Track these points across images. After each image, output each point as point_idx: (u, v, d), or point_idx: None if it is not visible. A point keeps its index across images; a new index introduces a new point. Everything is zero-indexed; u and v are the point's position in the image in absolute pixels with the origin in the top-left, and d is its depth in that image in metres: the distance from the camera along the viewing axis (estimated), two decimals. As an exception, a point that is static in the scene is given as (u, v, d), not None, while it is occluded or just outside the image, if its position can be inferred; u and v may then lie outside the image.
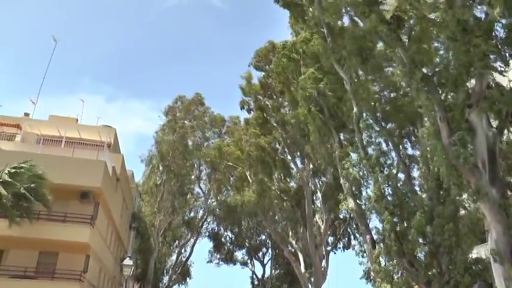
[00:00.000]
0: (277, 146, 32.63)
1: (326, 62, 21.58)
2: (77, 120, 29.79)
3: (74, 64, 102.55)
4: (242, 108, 31.93)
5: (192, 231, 45.52)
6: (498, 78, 12.96)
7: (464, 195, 13.57)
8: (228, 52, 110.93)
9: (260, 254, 49.03)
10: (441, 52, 17.22)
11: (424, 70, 15.90)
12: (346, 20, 21.54)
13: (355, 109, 20.71)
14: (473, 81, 13.16)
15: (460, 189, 12.44)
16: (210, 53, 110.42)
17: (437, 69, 16.73)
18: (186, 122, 42.43)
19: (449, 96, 15.76)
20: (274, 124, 30.72)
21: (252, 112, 31.91)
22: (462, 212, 15.53)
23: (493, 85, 12.97)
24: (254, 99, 31.57)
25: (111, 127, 29.06)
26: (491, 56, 11.85)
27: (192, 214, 46.98)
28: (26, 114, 29.24)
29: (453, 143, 13.29)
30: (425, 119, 19.05)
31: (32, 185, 18.00)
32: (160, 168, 40.93)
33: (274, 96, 30.78)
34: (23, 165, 18.16)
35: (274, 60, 28.06)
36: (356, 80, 21.11)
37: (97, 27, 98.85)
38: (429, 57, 16.52)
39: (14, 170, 17.94)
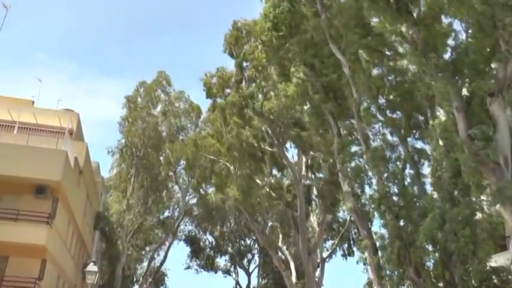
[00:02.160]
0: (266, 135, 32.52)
1: (319, 38, 21.31)
2: (33, 102, 29.20)
3: (30, 36, 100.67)
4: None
5: (167, 233, 45.33)
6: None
7: (483, 196, 13.60)
8: (211, 26, 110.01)
9: (245, 261, 49.09)
10: (457, 32, 17.18)
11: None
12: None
13: (355, 95, 20.62)
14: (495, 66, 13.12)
15: (479, 189, 12.43)
16: (191, 26, 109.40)
17: (454, 53, 16.69)
18: (154, 109, 42.10)
19: (466, 84, 15.75)
20: (252, 113, 30.50)
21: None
22: (478, 215, 15.56)
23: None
24: (232, 85, 31.46)
25: (73, 111, 28.59)
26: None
27: (166, 214, 46.95)
28: (-30, 95, 28.55)
29: (472, 137, 13.29)
30: (438, 108, 19.08)
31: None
32: (131, 160, 40.51)
33: (253, 83, 30.57)
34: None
35: (255, 32, 27.53)
36: (356, 63, 20.95)
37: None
38: (444, 38, 16.45)
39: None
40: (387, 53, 20.63)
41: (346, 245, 36.49)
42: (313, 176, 32.77)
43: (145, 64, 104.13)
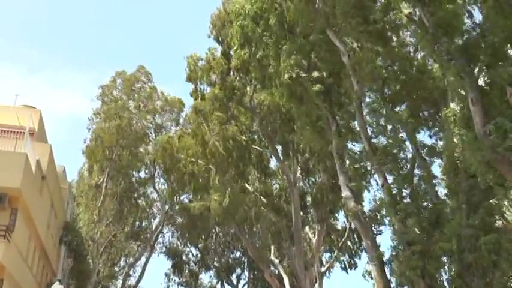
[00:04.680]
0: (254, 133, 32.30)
1: (314, 26, 21.18)
2: (-14, 98, 29.05)
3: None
4: (195, 98, 31.55)
5: (144, 246, 45.18)
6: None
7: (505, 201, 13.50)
8: (197, 10, 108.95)
9: (233, 277, 48.95)
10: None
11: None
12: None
13: (356, 87, 20.53)
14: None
15: (504, 190, 12.31)
16: (174, 9, 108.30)
17: (468, 36, 16.56)
18: (132, 103, 41.80)
19: (483, 73, 15.63)
20: (239, 108, 30.10)
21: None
22: (498, 223, 15.46)
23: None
24: (218, 75, 30.82)
25: (34, 108, 28.64)
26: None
27: (143, 224, 46.79)
28: None
29: (489, 132, 13.18)
30: (451, 101, 19.02)
31: None
32: (102, 163, 40.12)
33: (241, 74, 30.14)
34: None
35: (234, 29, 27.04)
36: (356, 50, 20.84)
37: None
38: (458, 19, 16.33)
39: None
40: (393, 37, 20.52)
41: (346, 257, 36.39)
42: (307, 180, 32.68)
43: (117, 54, 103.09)
